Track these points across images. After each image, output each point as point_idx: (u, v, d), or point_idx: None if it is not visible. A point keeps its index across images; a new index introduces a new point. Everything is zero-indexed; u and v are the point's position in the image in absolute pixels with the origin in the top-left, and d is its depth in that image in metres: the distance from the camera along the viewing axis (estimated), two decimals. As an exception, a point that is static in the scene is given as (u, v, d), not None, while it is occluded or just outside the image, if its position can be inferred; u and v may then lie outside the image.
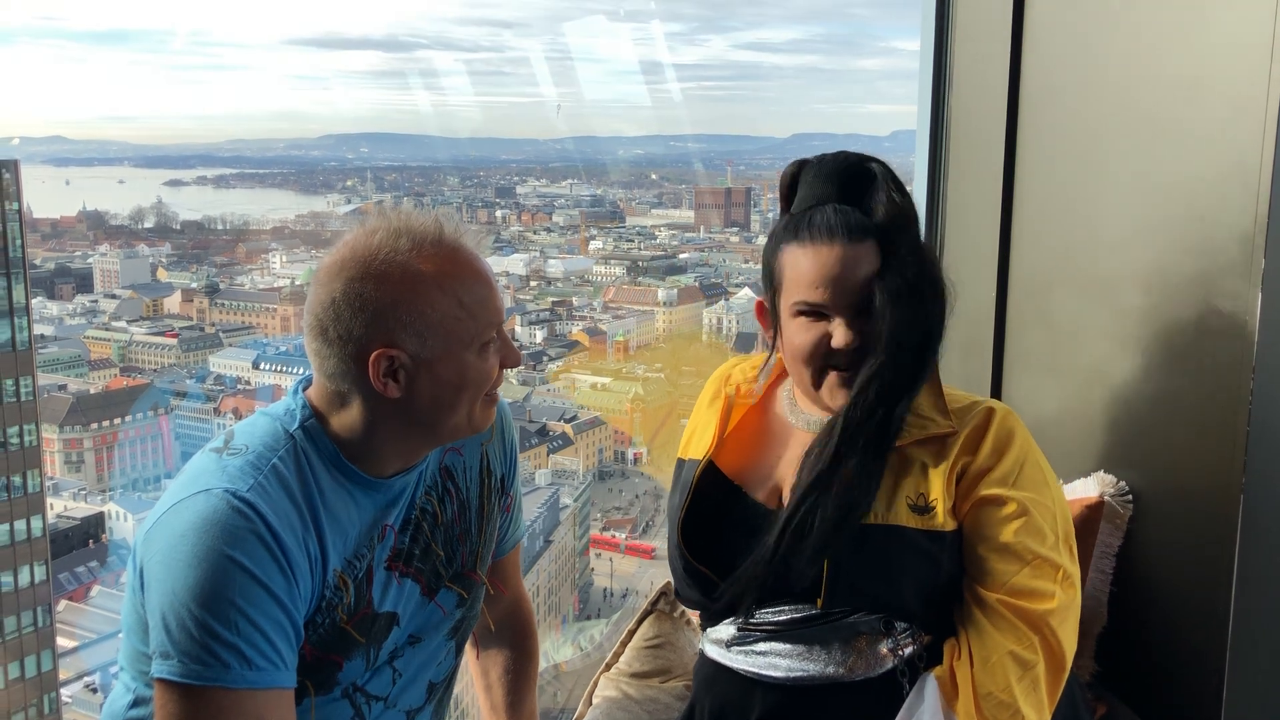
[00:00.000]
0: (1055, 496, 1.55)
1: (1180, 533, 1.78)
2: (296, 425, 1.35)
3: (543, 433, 38.27)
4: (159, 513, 1.27)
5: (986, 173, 2.04)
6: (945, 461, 1.52)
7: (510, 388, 39.06)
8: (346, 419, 1.35)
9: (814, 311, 1.52)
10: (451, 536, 1.50)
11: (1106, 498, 1.85)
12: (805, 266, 1.51)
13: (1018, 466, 1.52)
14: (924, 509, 1.49)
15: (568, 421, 39.10)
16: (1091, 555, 1.86)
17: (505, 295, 1.44)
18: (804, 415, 1.64)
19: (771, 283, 1.59)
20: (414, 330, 1.30)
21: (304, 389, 1.40)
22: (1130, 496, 1.84)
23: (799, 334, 1.54)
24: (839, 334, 1.50)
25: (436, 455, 1.49)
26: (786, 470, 1.60)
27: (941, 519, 1.49)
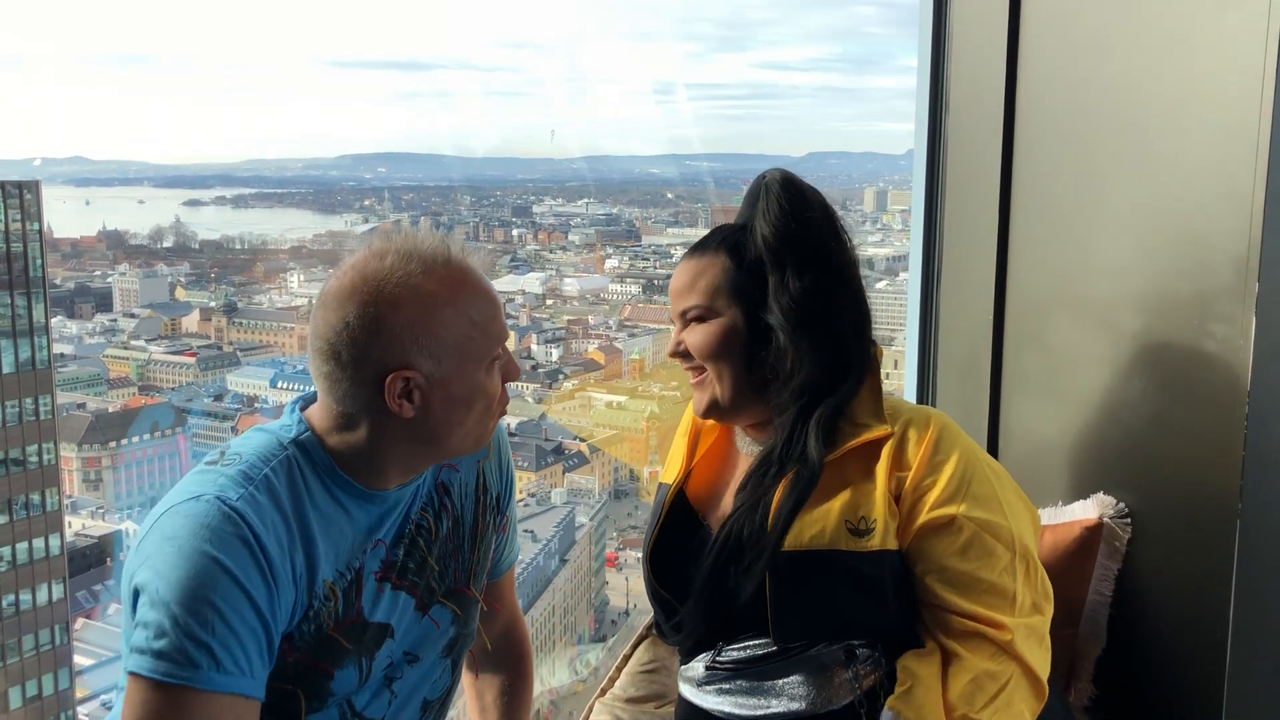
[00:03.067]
0: (1010, 509, 1.47)
1: (1178, 555, 1.77)
2: (291, 438, 1.36)
3: (559, 451, 38.25)
4: (150, 522, 1.29)
5: (983, 197, 2.05)
6: (883, 473, 1.46)
7: (526, 406, 39.11)
8: (350, 438, 1.36)
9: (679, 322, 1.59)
10: (445, 552, 1.51)
11: (1106, 519, 1.84)
12: None
13: (963, 483, 1.44)
14: (864, 531, 1.43)
15: (583, 440, 39.08)
16: (1090, 578, 1.85)
17: (521, 313, 1.48)
18: (746, 440, 1.64)
19: None
20: (429, 351, 1.31)
21: (301, 408, 1.40)
22: (1129, 519, 1.83)
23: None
24: (673, 339, 1.59)
25: (433, 471, 1.50)
26: (732, 496, 1.59)
27: (879, 540, 1.43)
